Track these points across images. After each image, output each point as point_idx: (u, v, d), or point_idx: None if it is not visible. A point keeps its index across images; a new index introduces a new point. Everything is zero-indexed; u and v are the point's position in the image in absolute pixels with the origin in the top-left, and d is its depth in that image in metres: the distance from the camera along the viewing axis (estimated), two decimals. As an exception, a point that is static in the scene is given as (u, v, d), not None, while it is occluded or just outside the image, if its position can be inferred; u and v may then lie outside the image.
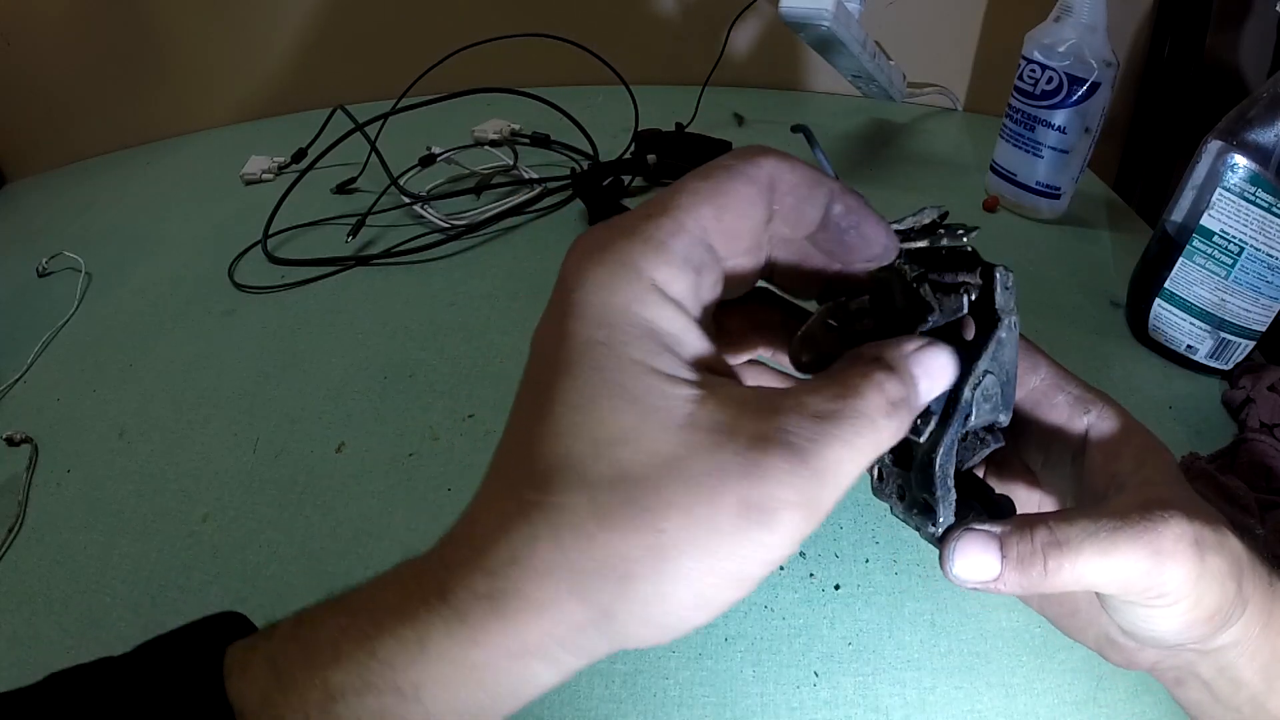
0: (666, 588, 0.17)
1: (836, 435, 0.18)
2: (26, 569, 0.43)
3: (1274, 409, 0.48)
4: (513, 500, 0.18)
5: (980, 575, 0.22)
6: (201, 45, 0.92)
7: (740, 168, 0.20)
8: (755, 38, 0.93)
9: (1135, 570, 0.21)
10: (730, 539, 0.17)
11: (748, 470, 0.17)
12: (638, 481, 0.17)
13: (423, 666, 0.18)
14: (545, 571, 0.17)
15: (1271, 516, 0.42)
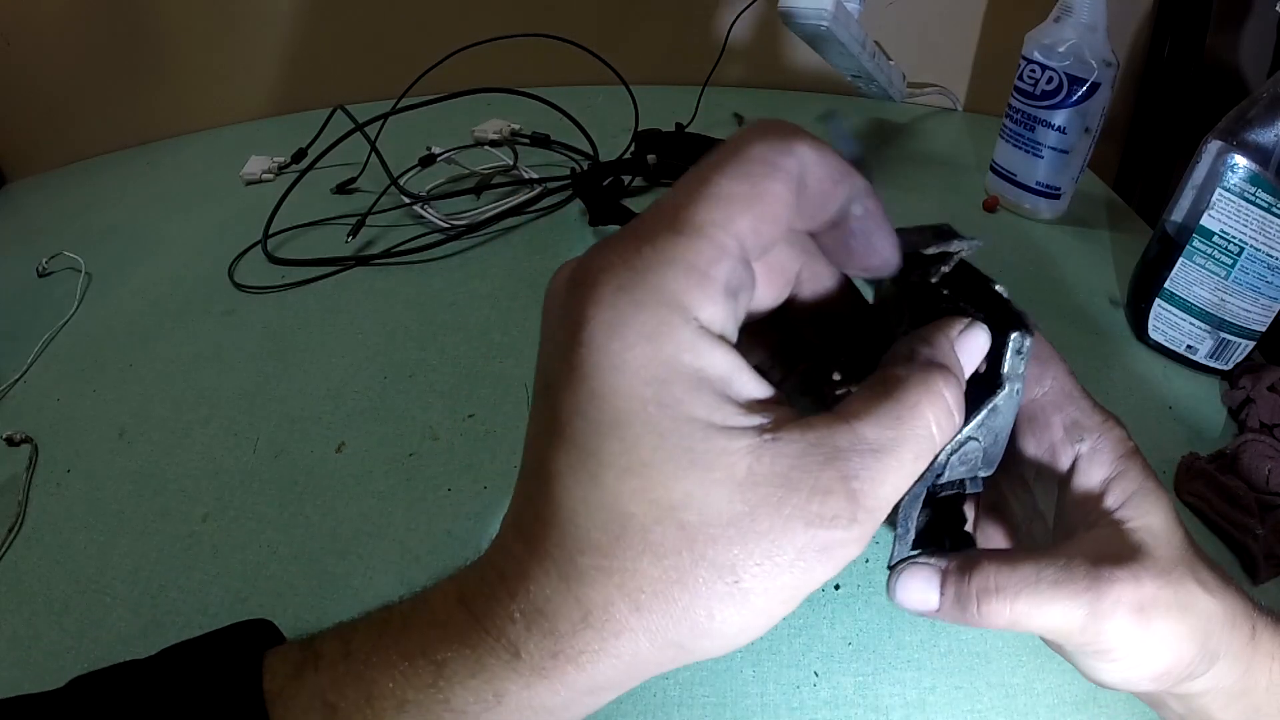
0: (736, 623, 0.18)
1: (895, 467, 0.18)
2: (26, 569, 0.43)
3: (1274, 409, 0.48)
4: (571, 566, 0.17)
5: (920, 606, 0.23)
6: (201, 45, 0.92)
7: (775, 160, 0.17)
8: (755, 38, 0.93)
9: (1070, 624, 0.22)
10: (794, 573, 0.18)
11: (812, 523, 0.17)
12: (709, 541, 0.17)
13: (497, 713, 0.18)
14: (623, 631, 0.17)
15: (1271, 516, 0.42)
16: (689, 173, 0.18)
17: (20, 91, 0.88)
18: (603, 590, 0.17)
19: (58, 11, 0.85)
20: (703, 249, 0.17)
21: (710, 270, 0.17)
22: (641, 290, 0.16)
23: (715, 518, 0.17)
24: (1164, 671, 0.22)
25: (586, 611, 0.17)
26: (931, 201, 0.74)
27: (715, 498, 0.17)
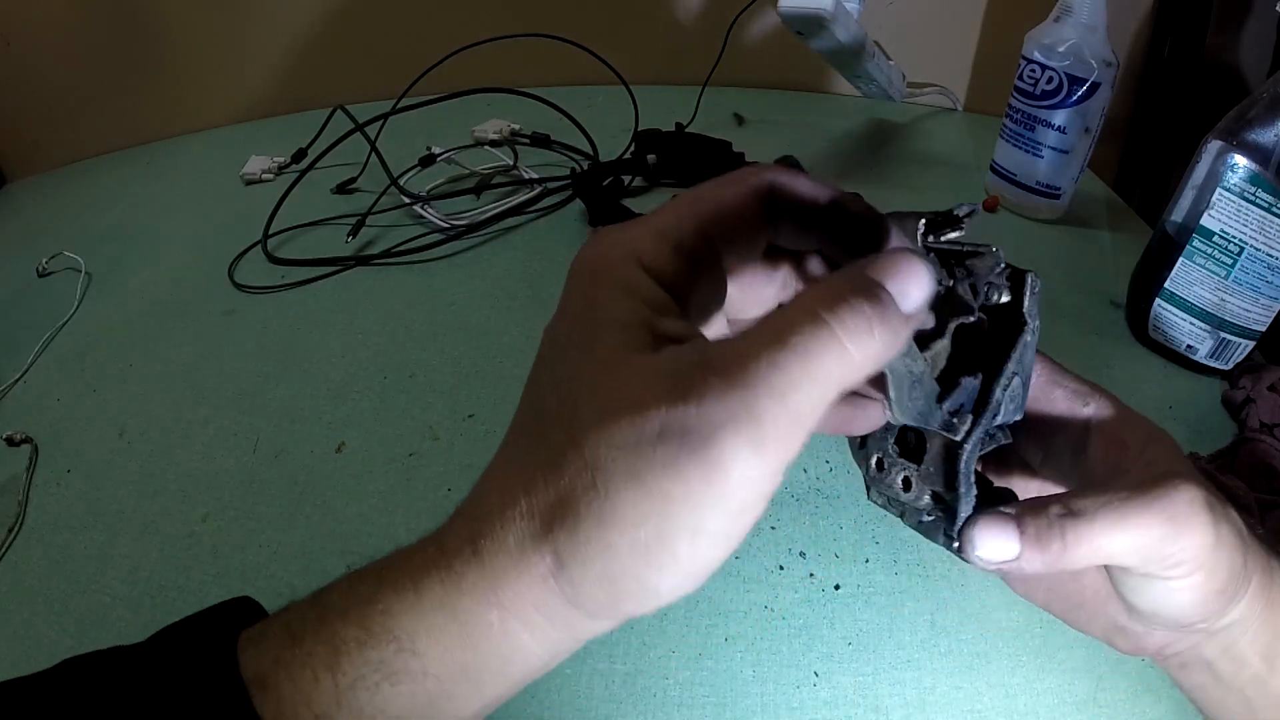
0: (610, 533, 0.17)
1: (771, 339, 0.17)
2: (26, 569, 0.43)
3: (1274, 409, 0.48)
4: (502, 460, 0.19)
5: (1001, 556, 0.22)
6: (201, 45, 0.92)
7: (739, 175, 0.21)
8: (755, 38, 0.93)
9: (1152, 537, 0.21)
10: (666, 472, 0.16)
11: (671, 391, 0.16)
12: (580, 420, 0.17)
13: (417, 615, 0.18)
14: (514, 516, 0.18)
15: (1271, 516, 0.42)
16: None
17: (20, 91, 0.88)
18: (509, 475, 0.18)
19: (58, 11, 0.85)
20: (659, 213, 0.20)
21: (655, 224, 0.20)
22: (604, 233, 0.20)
23: (589, 392, 0.18)
24: (1228, 581, 0.22)
25: (498, 496, 0.18)
26: (932, 201, 0.73)
27: (593, 373, 0.18)
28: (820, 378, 0.16)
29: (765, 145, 0.77)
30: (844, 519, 0.44)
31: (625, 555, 0.17)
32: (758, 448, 0.16)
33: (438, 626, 0.18)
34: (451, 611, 0.18)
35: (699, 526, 0.16)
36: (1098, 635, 0.27)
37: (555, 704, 0.36)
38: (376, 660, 0.18)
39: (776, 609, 0.39)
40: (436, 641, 0.18)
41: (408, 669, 0.18)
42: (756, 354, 0.16)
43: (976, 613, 0.39)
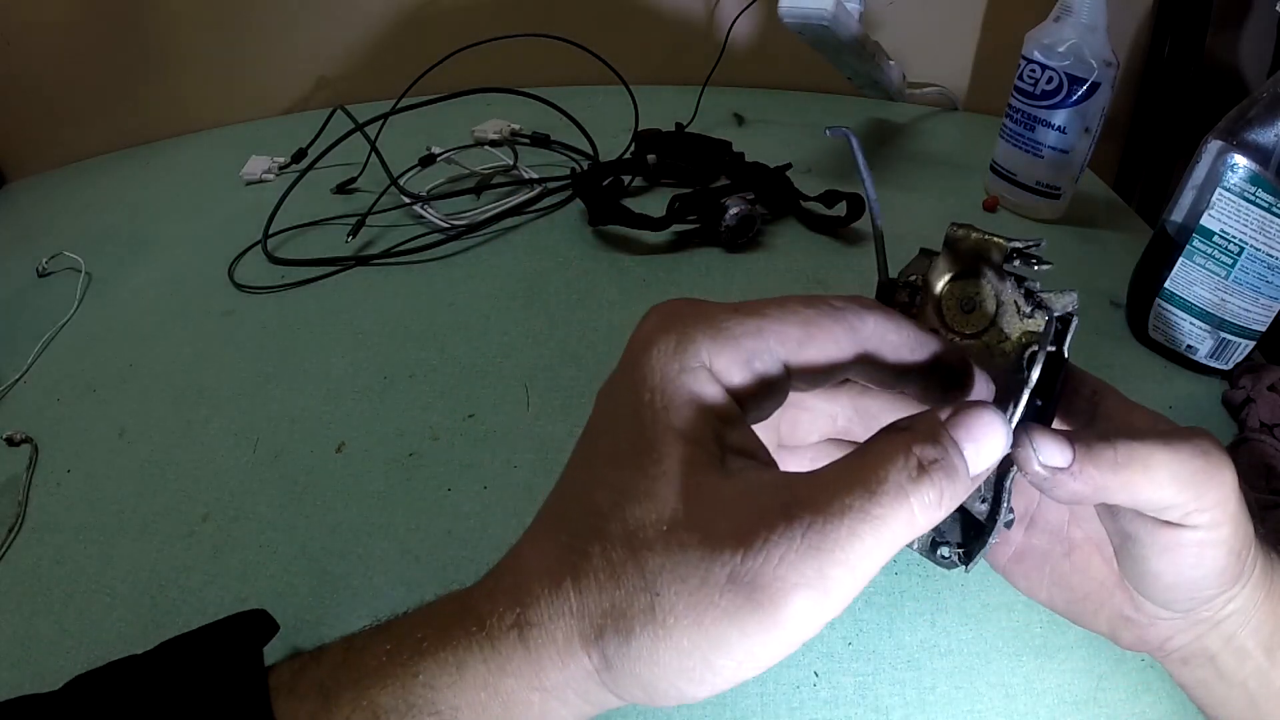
0: (662, 654, 0.17)
1: (851, 506, 0.17)
2: (26, 569, 0.43)
3: (1274, 409, 0.48)
4: (550, 541, 0.19)
5: (1057, 460, 0.21)
6: (201, 45, 0.92)
7: (847, 314, 0.20)
8: (755, 38, 0.93)
9: (1190, 468, 0.21)
10: (726, 619, 0.17)
11: (743, 544, 0.16)
12: (644, 542, 0.17)
13: (460, 690, 0.18)
14: (565, 612, 0.18)
15: (1271, 516, 0.42)
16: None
17: (20, 91, 0.88)
18: (561, 567, 0.18)
19: (57, 12, 0.85)
20: (744, 323, 0.19)
21: (740, 339, 0.19)
22: (679, 326, 0.19)
23: (657, 517, 0.17)
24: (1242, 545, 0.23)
25: (546, 586, 0.18)
26: (931, 201, 0.74)
27: (662, 499, 0.17)
28: (889, 545, 0.17)
29: (765, 145, 0.77)
30: (844, 519, 0.44)
31: (672, 673, 0.17)
32: (821, 610, 0.17)
33: (480, 703, 0.18)
34: (494, 690, 0.18)
35: (745, 660, 0.17)
36: (1102, 629, 0.27)
37: (555, 704, 0.36)
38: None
39: (776, 609, 0.39)
40: (477, 715, 0.18)
41: None
42: (838, 516, 0.17)
43: (976, 613, 0.39)
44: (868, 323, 0.20)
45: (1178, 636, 0.26)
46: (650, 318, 0.20)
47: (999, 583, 0.40)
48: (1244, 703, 0.25)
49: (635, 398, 0.19)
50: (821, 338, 0.20)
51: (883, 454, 0.18)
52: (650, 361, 0.19)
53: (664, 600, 0.17)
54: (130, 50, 0.90)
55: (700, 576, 0.17)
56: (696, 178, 0.74)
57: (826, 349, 0.20)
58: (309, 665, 0.20)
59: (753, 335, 0.19)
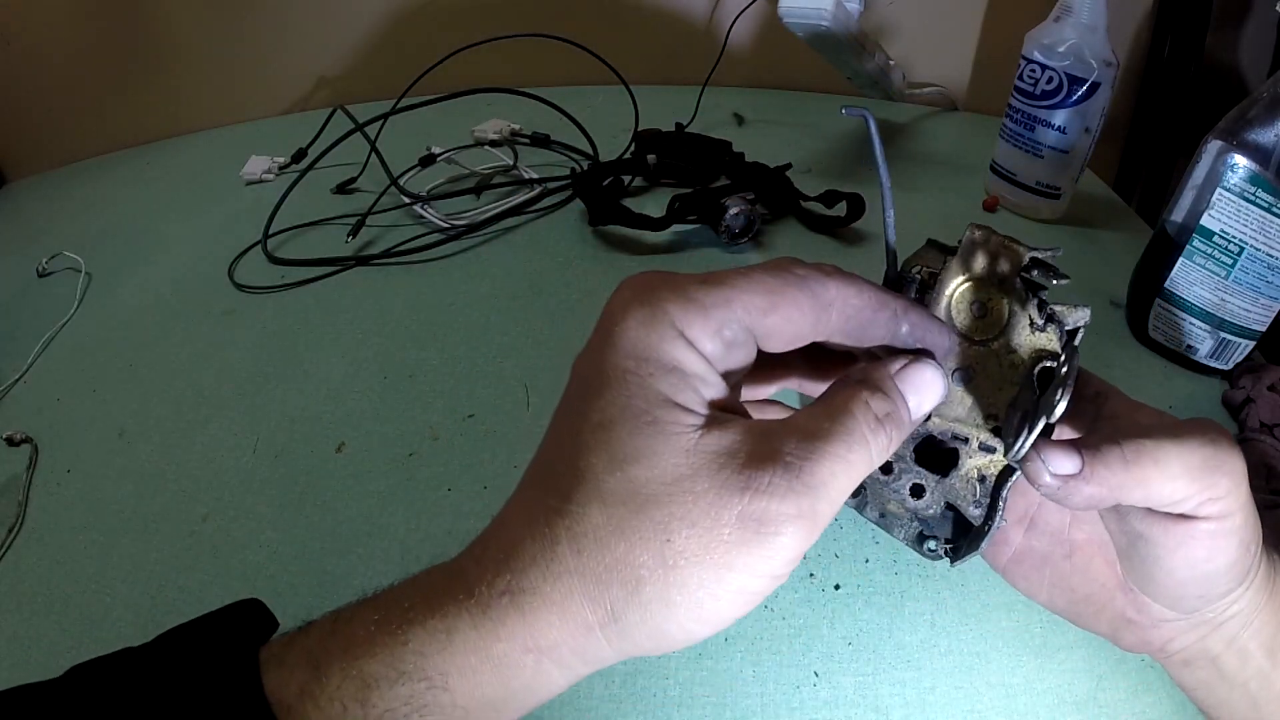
0: (673, 594, 0.19)
1: (829, 451, 0.20)
2: (26, 569, 0.43)
3: (1274, 409, 0.48)
4: (539, 507, 0.20)
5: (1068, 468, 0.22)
6: (201, 45, 0.92)
7: (809, 282, 0.21)
8: (755, 38, 0.93)
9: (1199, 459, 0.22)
10: (734, 550, 0.19)
11: (747, 486, 0.19)
12: (649, 497, 0.19)
13: (449, 656, 0.19)
14: (562, 573, 0.19)
15: (1271, 516, 0.42)
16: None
17: (20, 91, 0.88)
18: (554, 530, 0.19)
19: (58, 11, 0.85)
20: (713, 293, 0.21)
21: (710, 309, 0.20)
22: (650, 298, 0.21)
23: (660, 475, 0.19)
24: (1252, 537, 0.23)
25: (538, 550, 0.19)
26: (932, 201, 0.74)
27: (663, 457, 0.19)
28: (854, 482, 0.21)
29: (765, 145, 0.77)
30: (844, 519, 0.44)
31: (682, 612, 0.19)
32: (809, 538, 0.19)
33: (470, 667, 0.19)
34: (486, 655, 0.19)
35: (745, 588, 0.19)
36: (1103, 631, 0.27)
37: (555, 704, 0.35)
38: (407, 695, 0.19)
39: (776, 609, 0.39)
40: (468, 680, 0.19)
41: (438, 702, 0.19)
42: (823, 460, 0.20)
43: (976, 613, 0.39)
44: (829, 288, 0.22)
45: (1180, 638, 0.26)
46: (622, 290, 0.21)
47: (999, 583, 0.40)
48: (1246, 705, 0.25)
49: (618, 367, 0.20)
50: (786, 305, 0.21)
51: (849, 408, 0.21)
52: (628, 332, 0.20)
53: (675, 545, 0.19)
54: (130, 50, 0.90)
55: (711, 518, 0.19)
56: (696, 178, 0.74)
57: (791, 315, 0.21)
58: (297, 637, 0.20)
59: (721, 305, 0.21)
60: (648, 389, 0.20)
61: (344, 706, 0.19)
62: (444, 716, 0.19)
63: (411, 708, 0.19)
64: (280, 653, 0.20)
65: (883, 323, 0.22)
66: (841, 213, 0.66)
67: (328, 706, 0.19)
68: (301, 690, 0.19)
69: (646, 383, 0.20)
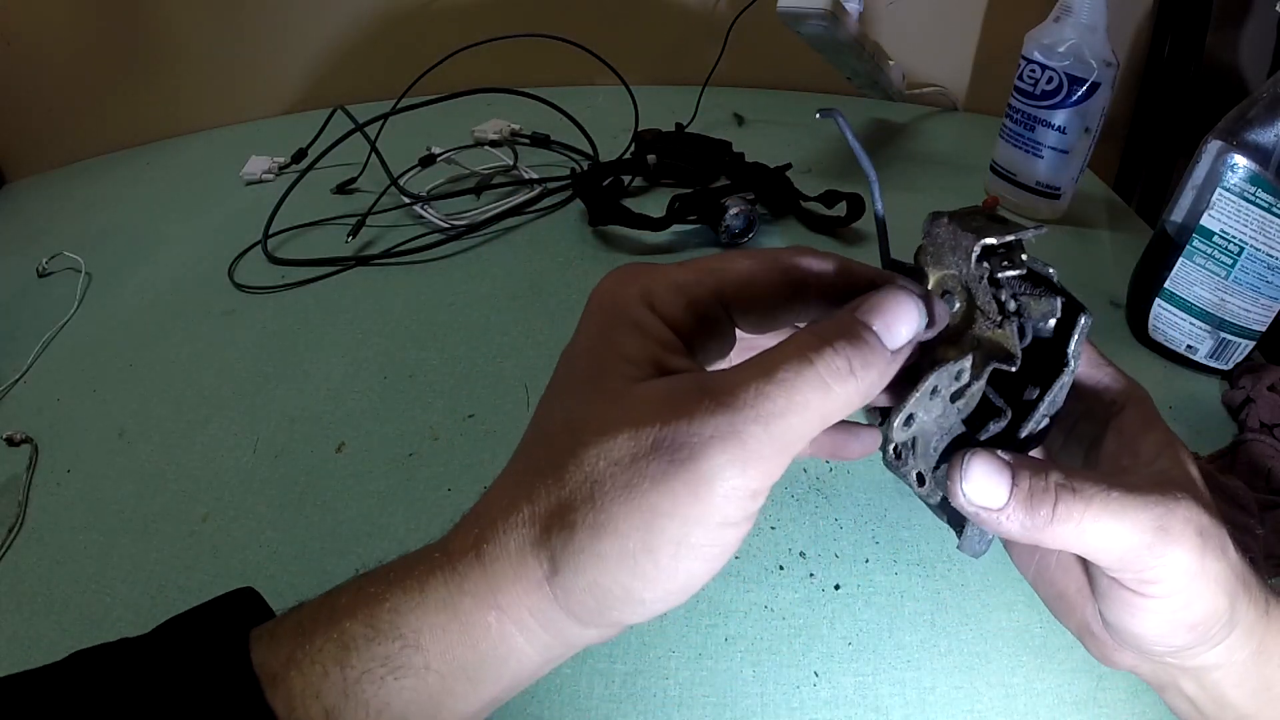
0: (604, 543, 0.18)
1: (756, 372, 0.19)
2: (26, 569, 0.43)
3: (1274, 409, 0.48)
4: (510, 474, 0.21)
5: (987, 500, 0.21)
6: (201, 46, 0.92)
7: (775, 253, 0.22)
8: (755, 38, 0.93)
9: (1137, 542, 0.20)
10: (657, 486, 0.17)
11: (665, 411, 0.18)
12: (583, 440, 0.19)
13: (422, 614, 0.19)
14: (516, 523, 0.19)
15: (1271, 516, 0.42)
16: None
17: (20, 91, 0.88)
18: (518, 489, 0.20)
19: (58, 12, 0.85)
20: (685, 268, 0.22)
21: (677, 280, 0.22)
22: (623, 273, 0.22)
23: (594, 414, 0.19)
24: (1202, 619, 0.21)
25: (503, 508, 0.19)
26: (932, 201, 0.73)
27: (600, 408, 0.19)
28: (803, 409, 0.18)
29: (765, 145, 0.77)
30: (844, 519, 0.44)
31: (613, 564, 0.18)
32: (742, 466, 0.18)
33: (440, 625, 0.19)
34: (454, 611, 0.19)
35: (683, 539, 0.18)
36: (1072, 631, 0.26)
37: (555, 704, 0.36)
38: (383, 655, 0.19)
39: (776, 609, 0.39)
40: (438, 640, 0.19)
41: (411, 664, 0.19)
42: (745, 383, 0.18)
43: (976, 613, 0.39)
44: (802, 264, 0.22)
45: (1142, 668, 0.25)
46: (604, 278, 0.22)
47: (999, 583, 0.41)
48: None
49: (587, 340, 0.21)
50: (761, 280, 0.22)
51: (790, 339, 0.20)
52: (600, 309, 0.22)
53: (600, 484, 0.18)
54: (130, 50, 0.90)
55: (630, 453, 0.18)
56: (696, 178, 0.74)
57: (762, 289, 0.22)
58: (290, 614, 0.21)
59: (686, 272, 0.22)
60: (607, 351, 0.20)
61: (324, 670, 0.19)
62: (418, 680, 0.19)
63: (387, 669, 0.19)
64: (273, 628, 0.20)
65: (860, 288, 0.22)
66: (842, 213, 0.66)
67: (309, 670, 0.19)
68: (288, 658, 0.19)
69: (607, 346, 0.20)
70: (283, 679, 0.19)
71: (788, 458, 0.18)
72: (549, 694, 0.36)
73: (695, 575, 0.19)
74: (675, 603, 0.19)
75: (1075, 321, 0.22)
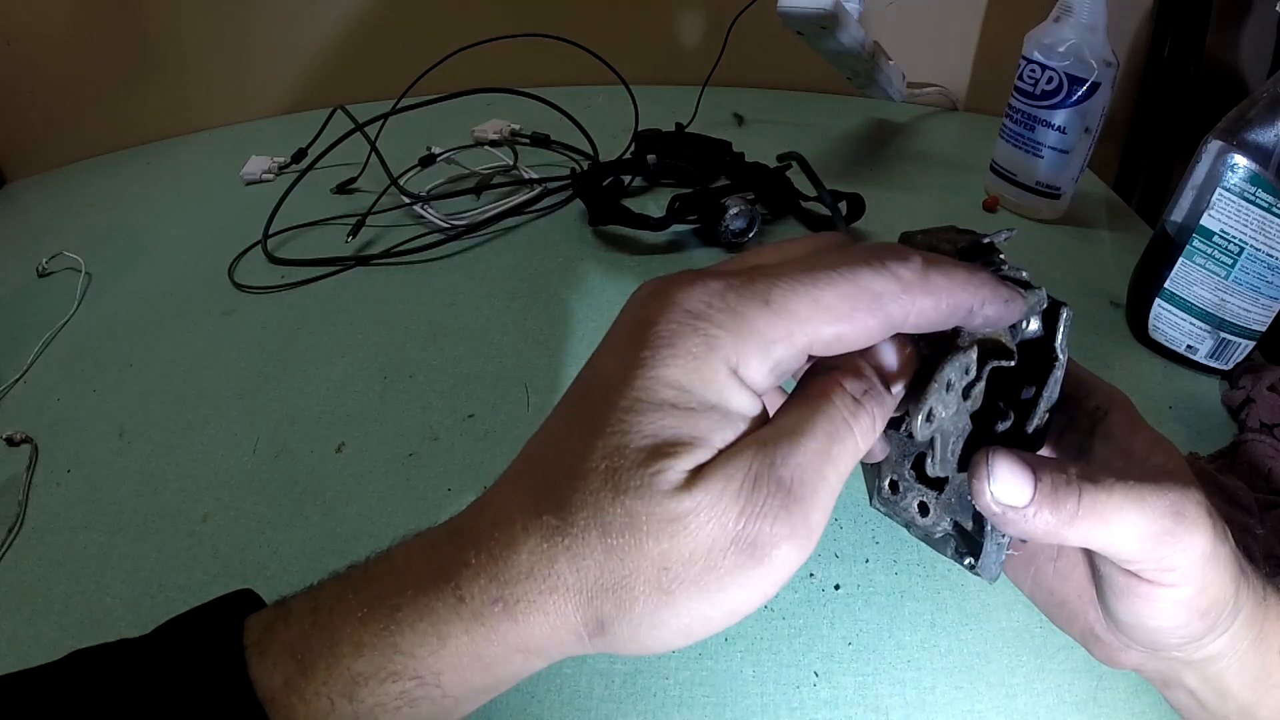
0: (664, 615, 0.19)
1: (814, 449, 0.19)
2: (26, 569, 0.43)
3: (1274, 409, 0.48)
4: (534, 517, 0.19)
5: (1013, 499, 0.21)
6: (201, 45, 0.92)
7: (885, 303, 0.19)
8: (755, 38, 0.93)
9: (1157, 529, 0.21)
10: (728, 577, 0.18)
11: (743, 511, 0.18)
12: (650, 531, 0.18)
13: (441, 658, 0.19)
14: (558, 588, 0.19)
15: (1271, 516, 0.42)
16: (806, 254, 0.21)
17: (20, 91, 0.88)
18: (552, 548, 0.19)
19: (58, 12, 0.85)
20: (776, 330, 0.19)
21: (770, 346, 0.19)
22: (708, 326, 0.19)
23: (659, 516, 0.18)
24: (1212, 604, 0.22)
25: (534, 565, 0.19)
26: (931, 201, 0.73)
27: (665, 501, 0.18)
28: (845, 475, 0.20)
29: (765, 145, 0.77)
30: (844, 518, 0.44)
31: (669, 630, 0.19)
32: (804, 551, 0.19)
33: (461, 667, 0.19)
34: (477, 656, 0.19)
35: (736, 610, 0.19)
36: (1075, 638, 0.27)
37: (555, 704, 0.36)
38: (398, 691, 0.19)
39: (776, 609, 0.39)
40: (459, 675, 0.19)
41: (429, 696, 0.19)
42: (814, 469, 0.19)
43: (976, 613, 0.39)
44: (906, 307, 0.19)
45: (1148, 666, 0.25)
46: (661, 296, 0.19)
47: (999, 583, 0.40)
48: None
49: (653, 393, 0.19)
50: (853, 333, 0.19)
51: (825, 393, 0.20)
52: (675, 362, 0.19)
53: (671, 572, 0.18)
54: (130, 50, 0.90)
55: (708, 548, 0.18)
56: (696, 178, 0.74)
57: (856, 341, 0.19)
58: (276, 626, 0.20)
59: (782, 341, 0.19)
60: (679, 424, 0.19)
61: (331, 702, 0.19)
62: (434, 705, 0.19)
63: (402, 701, 0.19)
64: (261, 640, 0.20)
65: (958, 320, 0.21)
66: (842, 212, 0.66)
67: (314, 701, 0.19)
68: (286, 683, 0.19)
69: (680, 418, 0.19)
70: (283, 705, 0.19)
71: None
72: (549, 694, 0.36)
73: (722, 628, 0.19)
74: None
75: (1059, 315, 0.23)
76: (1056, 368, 0.23)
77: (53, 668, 0.20)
